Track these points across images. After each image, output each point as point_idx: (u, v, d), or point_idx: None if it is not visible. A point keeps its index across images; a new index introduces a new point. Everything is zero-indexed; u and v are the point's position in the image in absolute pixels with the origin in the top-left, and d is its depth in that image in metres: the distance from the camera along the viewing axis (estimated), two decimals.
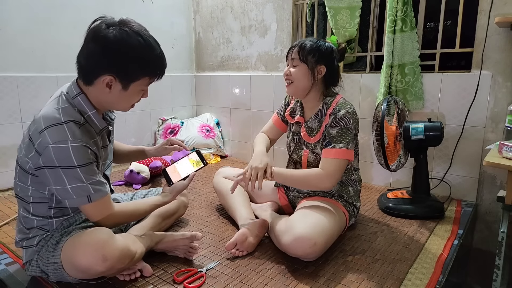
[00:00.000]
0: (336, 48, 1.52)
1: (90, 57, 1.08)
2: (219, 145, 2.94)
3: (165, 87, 2.99)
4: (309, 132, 1.54)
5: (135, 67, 1.10)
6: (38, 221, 1.16)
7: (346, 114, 1.42)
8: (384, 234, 1.57)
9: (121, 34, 1.05)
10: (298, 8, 2.52)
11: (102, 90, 1.11)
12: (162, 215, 1.52)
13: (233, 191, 1.47)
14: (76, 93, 1.12)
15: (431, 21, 2.30)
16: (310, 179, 1.43)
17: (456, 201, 1.94)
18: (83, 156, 1.05)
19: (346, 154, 1.41)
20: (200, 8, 3.06)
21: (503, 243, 1.37)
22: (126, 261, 1.11)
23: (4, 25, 2.05)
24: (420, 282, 1.22)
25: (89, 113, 1.13)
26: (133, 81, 1.11)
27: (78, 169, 1.04)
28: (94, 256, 1.03)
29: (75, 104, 1.11)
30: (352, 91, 2.25)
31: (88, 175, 1.07)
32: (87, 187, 1.07)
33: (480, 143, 1.87)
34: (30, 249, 1.17)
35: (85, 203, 1.08)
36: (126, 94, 1.14)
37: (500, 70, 1.79)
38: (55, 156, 1.02)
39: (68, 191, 1.05)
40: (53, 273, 1.13)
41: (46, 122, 1.05)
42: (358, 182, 1.59)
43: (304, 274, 1.27)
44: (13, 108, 2.11)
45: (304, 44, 1.47)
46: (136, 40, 1.07)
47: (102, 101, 1.15)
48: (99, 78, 1.08)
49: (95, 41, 1.06)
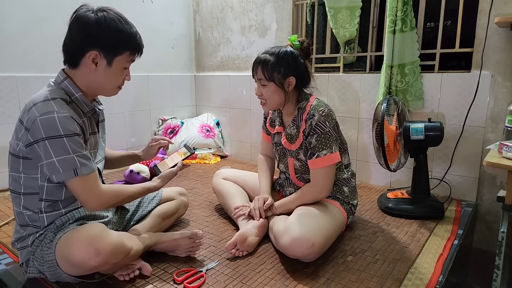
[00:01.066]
0: (298, 49, 1.46)
1: (75, 36, 1.13)
2: (219, 145, 2.94)
3: (165, 87, 2.99)
4: (289, 139, 1.53)
5: (117, 40, 1.15)
6: (29, 215, 1.16)
7: (320, 118, 1.40)
8: (384, 234, 1.57)
9: (102, 13, 1.14)
10: (298, 8, 2.52)
11: (88, 70, 1.16)
12: (162, 215, 1.52)
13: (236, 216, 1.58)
14: (63, 78, 1.17)
15: (431, 21, 2.30)
16: (306, 196, 1.47)
17: (456, 201, 1.94)
18: (69, 126, 1.07)
19: (332, 159, 1.41)
20: (200, 8, 3.06)
21: (503, 243, 1.37)
22: (120, 256, 1.11)
23: (3, 25, 2.05)
24: (420, 282, 1.22)
25: (76, 95, 1.17)
26: (116, 55, 1.16)
27: (64, 139, 1.06)
28: (87, 250, 1.04)
29: (62, 87, 1.17)
30: (352, 91, 2.25)
31: (74, 147, 1.08)
32: (74, 160, 1.07)
33: (480, 143, 1.87)
34: (25, 250, 1.18)
35: (72, 176, 1.08)
36: (111, 72, 1.17)
37: (500, 70, 1.79)
38: (42, 127, 1.05)
39: (55, 164, 1.06)
40: (49, 272, 1.14)
41: (34, 102, 1.09)
42: (351, 178, 1.58)
43: (304, 274, 1.27)
44: (13, 108, 2.11)
45: (266, 62, 1.41)
46: (115, 17, 1.15)
47: (90, 82, 1.18)
48: (85, 56, 1.13)
49: (78, 22, 1.13)
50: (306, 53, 1.50)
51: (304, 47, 1.48)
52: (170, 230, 1.58)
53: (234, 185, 1.77)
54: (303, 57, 1.48)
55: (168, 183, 1.42)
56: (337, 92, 2.31)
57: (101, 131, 1.36)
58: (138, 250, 1.22)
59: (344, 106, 2.29)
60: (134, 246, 1.19)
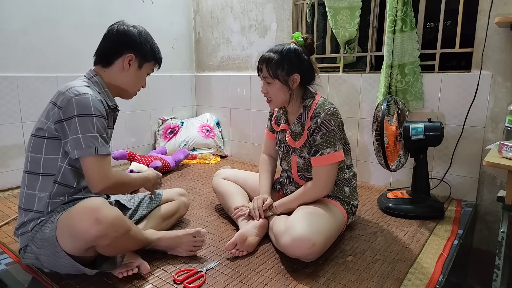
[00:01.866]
0: (302, 47, 1.47)
1: (115, 42, 1.31)
2: (219, 145, 2.94)
3: (165, 87, 2.99)
4: (293, 137, 1.54)
5: (148, 49, 1.35)
6: (40, 198, 1.21)
7: (326, 116, 1.41)
8: (384, 234, 1.57)
9: (140, 27, 1.36)
10: (298, 8, 2.52)
11: (120, 69, 1.31)
12: (163, 216, 1.52)
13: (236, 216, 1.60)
14: (93, 75, 1.31)
15: (431, 21, 2.30)
16: (308, 194, 1.47)
17: (456, 201, 1.94)
18: (100, 108, 1.19)
19: (335, 157, 1.41)
20: (200, 8, 3.06)
21: (503, 243, 1.37)
22: (120, 230, 1.12)
23: (4, 25, 2.05)
24: (420, 282, 1.22)
25: (103, 90, 1.31)
26: (146, 61, 1.35)
27: (94, 118, 1.17)
28: (88, 218, 1.07)
29: (93, 82, 1.30)
30: (352, 91, 2.25)
31: (100, 127, 1.19)
32: (97, 138, 1.17)
33: (480, 143, 1.87)
34: (25, 235, 1.21)
35: (92, 153, 1.16)
36: (139, 74, 1.35)
37: (500, 70, 1.79)
38: (76, 105, 1.15)
39: (80, 140, 1.15)
40: (45, 256, 1.16)
41: (69, 87, 1.21)
42: (352, 179, 1.58)
43: (304, 274, 1.27)
44: (13, 108, 2.11)
45: (270, 59, 1.42)
46: (148, 33, 1.38)
47: (118, 81, 1.33)
48: (122, 57, 1.30)
49: (117, 31, 1.31)
50: (310, 49, 1.51)
51: (308, 43, 1.49)
52: None
53: (234, 185, 1.77)
54: (307, 53, 1.48)
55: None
56: (337, 92, 2.31)
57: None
58: (138, 235, 1.23)
59: (344, 106, 2.29)
60: (133, 227, 1.20)
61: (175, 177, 2.38)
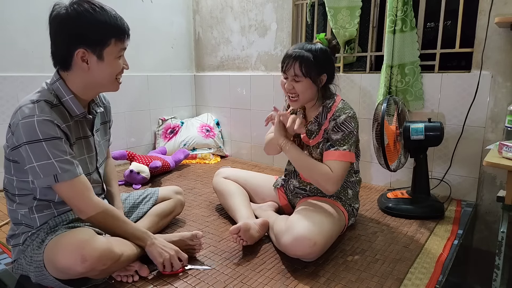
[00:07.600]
0: (328, 48, 1.48)
1: (57, 39, 1.11)
2: (219, 145, 2.94)
3: (165, 87, 2.99)
4: (308, 135, 1.54)
5: (97, 31, 1.10)
6: (22, 215, 1.16)
7: (347, 118, 1.42)
8: (384, 234, 1.57)
9: (72, 7, 1.08)
10: (298, 8, 2.52)
11: (81, 70, 1.12)
12: (159, 214, 1.51)
13: (267, 123, 1.55)
14: (56, 79, 1.15)
15: (431, 21, 2.30)
16: (317, 171, 1.40)
17: (456, 201, 1.94)
18: (47, 129, 1.04)
19: (349, 156, 1.41)
20: (199, 8, 3.06)
21: (503, 243, 1.38)
22: (108, 262, 1.07)
23: (4, 25, 2.05)
24: (420, 282, 1.22)
25: (66, 98, 1.14)
26: (103, 47, 1.11)
27: (43, 143, 1.03)
28: (73, 256, 1.02)
29: (53, 89, 1.14)
30: (352, 91, 2.25)
31: (54, 151, 1.05)
32: (53, 165, 1.04)
33: (480, 143, 1.87)
34: (17, 248, 1.18)
35: (52, 182, 1.06)
36: (104, 65, 1.13)
37: (500, 70, 1.79)
38: (23, 131, 1.03)
39: (36, 169, 1.04)
40: (34, 273, 1.12)
41: (20, 105, 1.09)
42: (357, 183, 1.59)
43: (304, 274, 1.27)
44: (13, 108, 2.09)
45: (305, 58, 1.39)
46: (87, 7, 1.09)
47: (87, 82, 1.15)
48: (73, 56, 1.10)
49: (54, 23, 1.10)
50: (334, 51, 1.53)
51: (332, 45, 1.51)
52: (170, 231, 1.58)
53: (235, 184, 1.77)
54: (334, 56, 1.52)
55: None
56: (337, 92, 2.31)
57: (102, 134, 1.34)
58: (131, 255, 1.19)
59: None
60: (125, 252, 1.15)
61: (175, 177, 2.38)
